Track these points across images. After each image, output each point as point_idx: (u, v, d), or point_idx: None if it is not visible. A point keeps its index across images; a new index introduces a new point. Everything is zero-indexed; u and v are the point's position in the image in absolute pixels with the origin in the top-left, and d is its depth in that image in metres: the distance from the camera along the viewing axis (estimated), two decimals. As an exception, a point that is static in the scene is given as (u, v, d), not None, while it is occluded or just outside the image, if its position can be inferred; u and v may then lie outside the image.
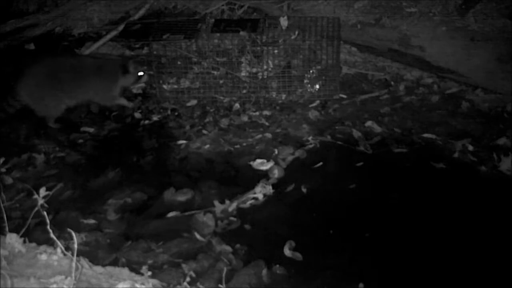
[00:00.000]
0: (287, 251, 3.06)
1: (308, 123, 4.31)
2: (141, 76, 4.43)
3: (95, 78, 4.28)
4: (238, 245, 3.12)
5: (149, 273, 2.41)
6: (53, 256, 2.27)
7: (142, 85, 4.93)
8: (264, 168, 3.81)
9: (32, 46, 5.56)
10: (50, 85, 4.17)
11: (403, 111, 4.40)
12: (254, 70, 4.73)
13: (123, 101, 4.51)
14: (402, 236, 3.15)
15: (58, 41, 5.61)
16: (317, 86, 4.66)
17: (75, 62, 4.40)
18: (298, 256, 3.04)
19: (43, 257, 2.26)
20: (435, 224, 3.23)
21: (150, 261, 2.97)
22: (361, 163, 3.80)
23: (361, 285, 2.81)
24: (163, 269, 2.94)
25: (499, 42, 4.41)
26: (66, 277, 2.08)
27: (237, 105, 4.57)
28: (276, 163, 3.83)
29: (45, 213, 2.22)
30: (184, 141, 4.16)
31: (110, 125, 4.41)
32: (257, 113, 4.48)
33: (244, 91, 4.68)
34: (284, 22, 4.60)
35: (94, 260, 2.64)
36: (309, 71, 4.68)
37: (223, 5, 5.53)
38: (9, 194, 3.53)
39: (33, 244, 2.38)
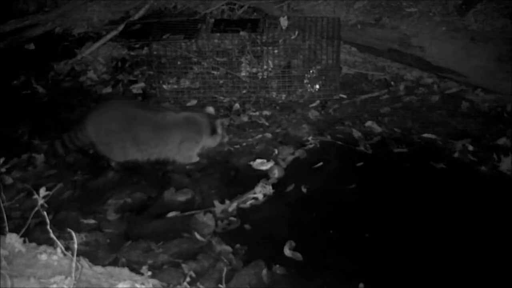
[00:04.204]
0: (287, 251, 3.06)
1: (308, 123, 4.32)
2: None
3: (176, 136, 3.78)
4: (238, 245, 3.12)
5: (149, 273, 2.41)
6: (53, 256, 2.27)
7: (142, 84, 4.94)
8: (264, 168, 3.80)
9: (32, 46, 5.57)
10: (120, 135, 3.72)
11: (403, 111, 4.40)
12: (254, 70, 4.73)
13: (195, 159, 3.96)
14: (402, 236, 3.15)
15: (58, 41, 5.62)
16: (317, 86, 4.66)
17: (154, 116, 3.78)
18: (298, 256, 3.03)
19: (43, 257, 2.26)
20: (435, 224, 3.22)
21: (150, 261, 2.97)
22: (361, 163, 3.80)
23: (361, 285, 2.80)
24: (163, 269, 2.93)
25: (499, 42, 4.42)
26: (66, 277, 2.08)
27: (237, 105, 4.58)
28: (276, 163, 3.82)
29: (45, 213, 2.22)
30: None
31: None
32: (257, 113, 4.48)
33: (244, 91, 4.68)
34: (284, 22, 4.60)
35: (94, 260, 2.64)
36: (309, 71, 4.68)
37: (223, 5, 5.54)
38: (9, 194, 3.53)
39: (33, 244, 2.38)
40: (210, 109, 3.97)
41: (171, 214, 3.40)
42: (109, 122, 3.74)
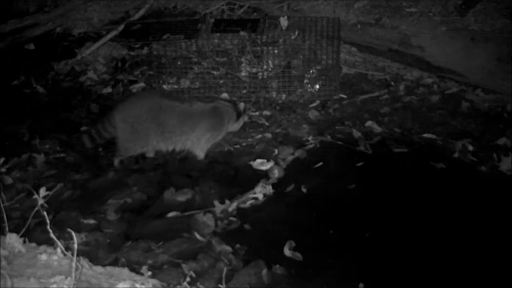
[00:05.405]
0: (287, 251, 3.06)
1: (308, 123, 4.32)
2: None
3: (203, 124, 3.88)
4: (238, 245, 3.12)
5: (149, 273, 2.41)
6: (53, 256, 2.27)
7: (142, 84, 4.94)
8: (264, 168, 3.80)
9: (32, 46, 5.57)
10: (147, 123, 3.77)
11: (403, 111, 4.41)
12: (254, 70, 4.73)
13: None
14: (402, 236, 3.15)
15: (58, 41, 5.62)
16: (317, 86, 4.66)
17: (181, 105, 3.85)
18: (298, 256, 3.04)
19: (43, 257, 2.26)
20: (435, 224, 3.22)
21: (150, 261, 2.97)
22: (361, 163, 3.80)
23: (361, 285, 2.80)
24: (163, 269, 2.93)
25: (499, 42, 4.42)
26: (66, 277, 2.08)
27: (236, 105, 4.58)
28: (276, 163, 3.83)
29: (45, 213, 2.21)
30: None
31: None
32: (257, 113, 4.48)
33: (244, 91, 4.68)
34: (284, 22, 4.60)
35: (94, 260, 2.64)
36: (309, 71, 4.68)
37: (223, 5, 5.54)
38: (9, 194, 3.53)
39: (33, 244, 2.38)
40: (225, 95, 4.17)
41: (171, 214, 3.40)
42: (136, 110, 3.77)
